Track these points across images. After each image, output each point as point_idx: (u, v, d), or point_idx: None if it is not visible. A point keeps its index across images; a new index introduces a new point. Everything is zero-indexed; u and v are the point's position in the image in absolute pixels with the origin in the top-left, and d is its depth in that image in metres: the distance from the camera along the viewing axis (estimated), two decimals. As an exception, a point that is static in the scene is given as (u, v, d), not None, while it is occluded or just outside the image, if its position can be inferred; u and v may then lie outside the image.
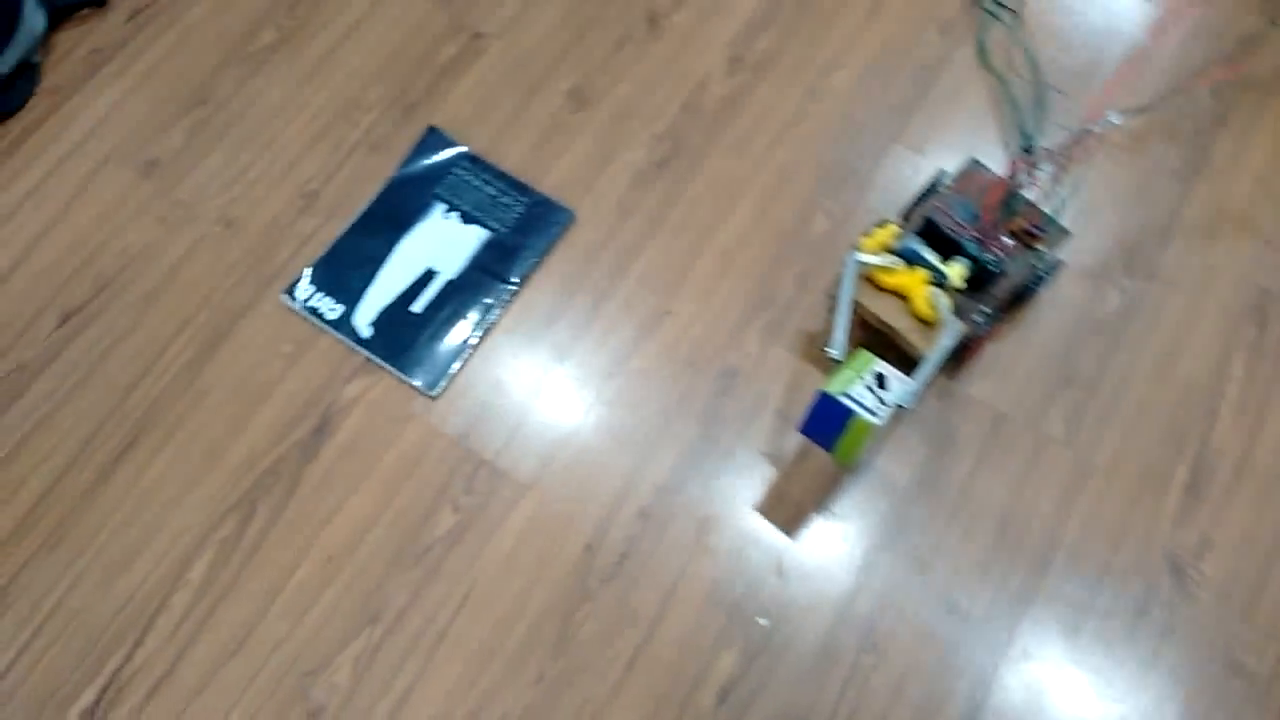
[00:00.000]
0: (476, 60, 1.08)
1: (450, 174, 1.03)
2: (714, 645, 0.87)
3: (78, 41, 1.06)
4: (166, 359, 0.94)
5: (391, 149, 1.04)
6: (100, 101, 1.04)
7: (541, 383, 0.96)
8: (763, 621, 0.88)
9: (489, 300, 0.98)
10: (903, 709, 0.85)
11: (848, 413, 0.81)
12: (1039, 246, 0.93)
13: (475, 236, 1.01)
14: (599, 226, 1.02)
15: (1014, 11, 1.11)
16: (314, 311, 0.96)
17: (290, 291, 0.97)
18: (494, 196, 1.02)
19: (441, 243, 1.00)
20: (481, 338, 0.97)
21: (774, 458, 0.93)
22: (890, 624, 0.87)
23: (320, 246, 0.99)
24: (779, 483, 0.92)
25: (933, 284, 0.89)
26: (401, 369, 0.95)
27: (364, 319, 0.97)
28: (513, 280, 0.99)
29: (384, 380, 0.95)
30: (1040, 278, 0.95)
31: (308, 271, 0.98)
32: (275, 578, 0.87)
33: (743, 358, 0.97)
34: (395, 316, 0.97)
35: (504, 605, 0.88)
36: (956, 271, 0.90)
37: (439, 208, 1.02)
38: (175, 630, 0.85)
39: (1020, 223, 0.92)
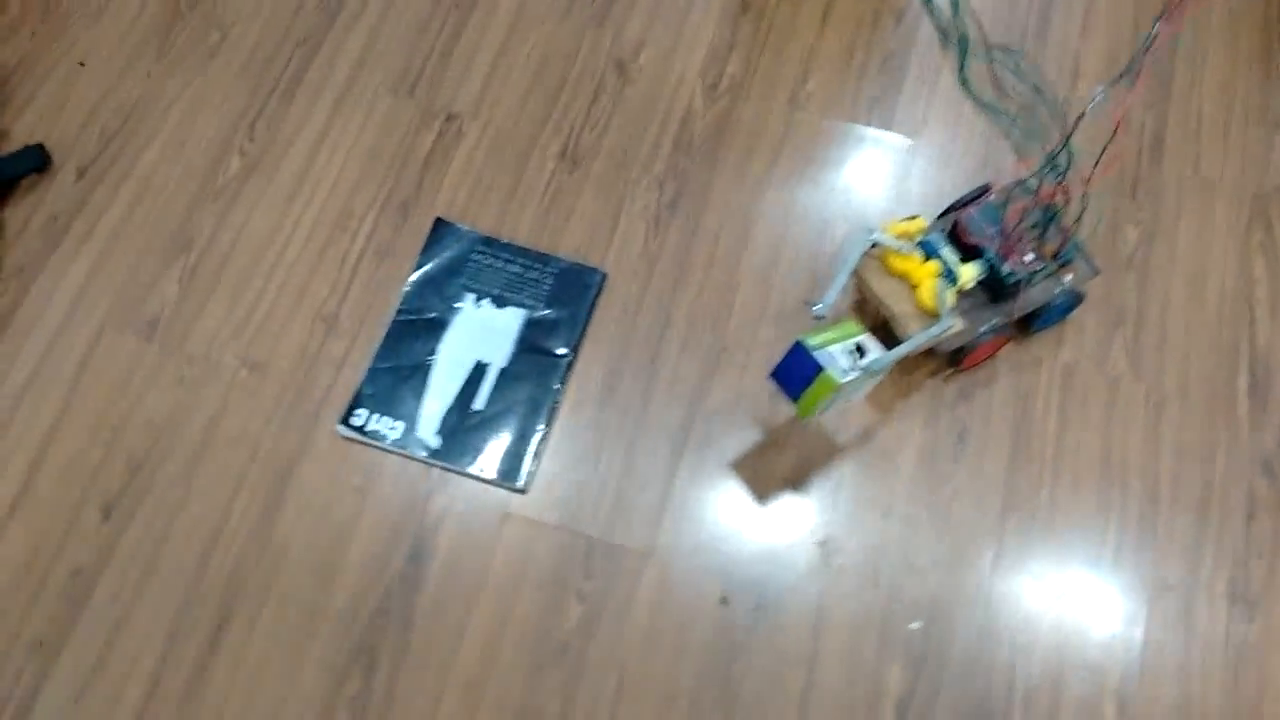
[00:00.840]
0: (459, 142, 1.05)
1: (470, 261, 0.99)
2: (877, 662, 0.86)
3: (30, 212, 0.97)
4: (232, 525, 0.87)
5: (399, 251, 0.99)
6: (74, 270, 0.95)
7: (624, 446, 0.93)
8: (915, 625, 0.87)
9: (547, 378, 0.94)
10: (1072, 670, 0.85)
11: (817, 367, 0.82)
12: (1064, 275, 0.94)
13: (515, 318, 0.97)
14: (631, 279, 1.00)
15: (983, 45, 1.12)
16: (374, 435, 0.91)
17: (345, 420, 0.91)
18: (520, 274, 0.99)
19: (483, 333, 0.96)
20: (550, 417, 0.93)
21: (871, 464, 0.93)
22: (1034, 593, 0.88)
23: (358, 366, 0.94)
24: (883, 486, 0.92)
25: (943, 279, 0.91)
26: (480, 471, 0.90)
27: (428, 429, 0.91)
28: (564, 353, 0.96)
29: (466, 487, 0.90)
30: (1059, 305, 0.96)
31: (357, 395, 0.92)
32: (419, 722, 0.81)
33: (807, 373, 0.96)
34: (459, 419, 0.92)
35: (660, 681, 0.84)
36: (968, 273, 0.91)
37: (469, 298, 0.97)
38: (334, 810, 0.78)
39: (1051, 247, 0.94)
